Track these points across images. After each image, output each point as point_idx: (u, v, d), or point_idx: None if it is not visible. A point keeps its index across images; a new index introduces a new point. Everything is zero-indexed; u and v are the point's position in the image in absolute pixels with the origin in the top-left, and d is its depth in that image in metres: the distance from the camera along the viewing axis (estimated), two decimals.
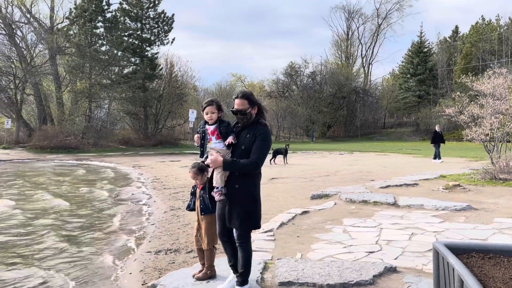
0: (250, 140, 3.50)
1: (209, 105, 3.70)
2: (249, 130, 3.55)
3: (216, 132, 3.63)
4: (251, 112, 3.57)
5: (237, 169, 3.45)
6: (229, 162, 3.46)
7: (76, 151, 29.25)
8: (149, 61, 37.85)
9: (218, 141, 3.61)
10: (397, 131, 51.32)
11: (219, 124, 3.67)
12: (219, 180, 3.56)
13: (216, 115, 3.69)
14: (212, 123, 3.67)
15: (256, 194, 3.57)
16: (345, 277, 3.90)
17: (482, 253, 2.79)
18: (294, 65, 53.28)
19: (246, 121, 3.57)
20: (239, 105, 3.56)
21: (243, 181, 3.49)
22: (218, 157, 3.48)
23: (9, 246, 6.34)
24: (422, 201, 7.96)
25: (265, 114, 3.71)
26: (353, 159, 21.00)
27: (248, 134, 3.53)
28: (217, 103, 3.74)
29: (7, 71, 33.07)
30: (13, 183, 13.94)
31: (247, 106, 3.55)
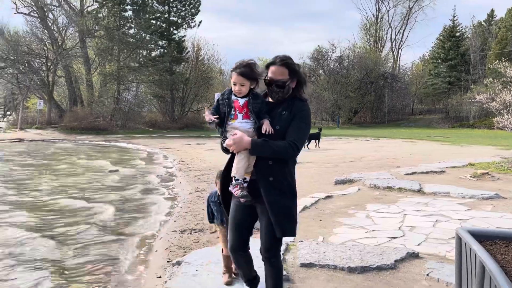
0: (287, 119, 2.71)
1: (238, 74, 2.75)
2: (286, 106, 2.76)
3: (245, 109, 2.76)
4: (289, 85, 2.79)
5: (270, 153, 2.65)
6: (259, 143, 2.64)
7: (104, 132, 29.97)
8: (176, 44, 38.09)
9: (245, 121, 2.74)
10: (426, 118, 50.09)
11: (251, 99, 2.77)
12: (241, 169, 2.70)
13: (246, 88, 2.77)
14: (242, 96, 2.78)
15: (296, 193, 2.80)
16: (367, 260, 3.93)
17: (507, 241, 2.76)
18: (321, 49, 52.51)
19: (282, 96, 2.78)
20: (277, 74, 2.75)
21: (280, 172, 2.68)
22: (244, 137, 2.65)
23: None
24: (449, 189, 7.84)
25: (305, 88, 2.89)
26: (379, 145, 20.73)
27: (285, 111, 2.74)
28: (250, 71, 2.76)
29: (39, 53, 33.97)
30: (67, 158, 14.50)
31: (287, 77, 2.76)
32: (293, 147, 2.65)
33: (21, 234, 5.84)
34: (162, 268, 4.41)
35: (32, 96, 36.71)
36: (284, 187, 2.69)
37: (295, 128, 2.70)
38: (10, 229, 6.09)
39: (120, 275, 4.47)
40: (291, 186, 2.75)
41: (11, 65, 32.72)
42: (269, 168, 2.68)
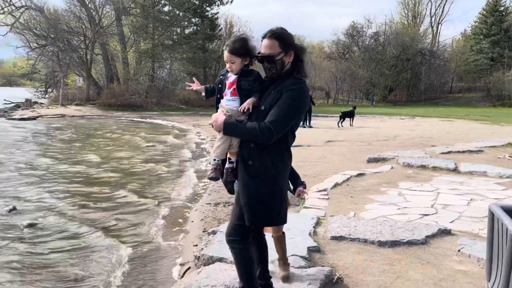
0: (274, 99, 2.44)
1: (227, 51, 2.59)
2: (277, 84, 2.49)
3: (234, 85, 2.58)
4: (282, 60, 2.48)
5: (241, 135, 2.46)
6: (229, 123, 2.46)
7: (140, 109, 30.69)
8: (209, 21, 38.11)
9: (233, 99, 2.58)
10: (465, 96, 48.22)
11: (240, 76, 2.58)
12: (218, 150, 2.59)
13: (237, 65, 2.58)
14: (235, 73, 2.61)
15: (277, 181, 2.48)
16: (397, 235, 3.99)
17: None
18: (356, 25, 51.15)
19: (275, 73, 2.49)
20: (268, 48, 2.48)
21: (260, 156, 2.44)
22: (220, 116, 2.53)
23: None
24: (486, 168, 7.67)
25: (306, 66, 2.60)
26: (414, 124, 20.28)
27: (273, 90, 2.47)
28: (239, 47, 2.55)
29: (78, 31, 34.84)
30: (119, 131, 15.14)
31: (278, 50, 2.46)
32: (265, 131, 2.35)
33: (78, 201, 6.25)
34: (198, 237, 4.64)
35: (71, 73, 37.87)
36: (261, 172, 2.44)
37: (276, 109, 2.40)
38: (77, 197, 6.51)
39: (159, 243, 4.74)
40: (269, 171, 2.44)
41: (51, 43, 33.79)
42: (250, 150, 2.47)
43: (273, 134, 2.36)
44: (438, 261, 3.53)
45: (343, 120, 18.24)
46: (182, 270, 3.85)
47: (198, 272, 3.31)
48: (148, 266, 4.10)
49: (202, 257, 3.58)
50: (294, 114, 2.43)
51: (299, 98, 2.43)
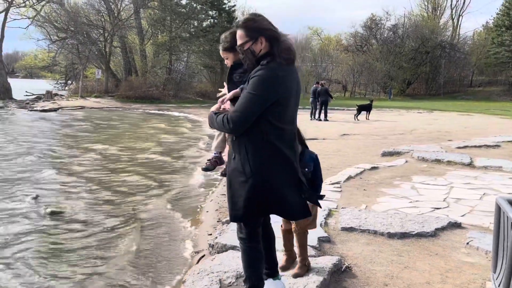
0: (245, 89, 2.38)
1: (221, 49, 2.70)
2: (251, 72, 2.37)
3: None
4: (251, 49, 2.36)
5: (216, 127, 2.48)
6: (209, 116, 2.51)
7: (158, 101, 31.06)
8: (227, 14, 38.17)
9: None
10: (486, 90, 47.19)
11: (231, 69, 2.65)
12: (215, 143, 2.77)
13: (231, 60, 2.67)
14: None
15: (255, 176, 2.33)
16: (407, 227, 4.07)
17: None
18: (374, 17, 50.45)
19: (249, 63, 2.38)
20: (238, 39, 2.41)
21: (239, 149, 2.38)
22: (211, 109, 2.56)
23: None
24: (501, 163, 7.63)
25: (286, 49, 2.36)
26: (432, 118, 20.07)
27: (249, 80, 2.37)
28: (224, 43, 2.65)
29: (97, 24, 35.34)
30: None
31: (245, 40, 2.37)
32: (226, 122, 2.31)
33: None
34: (213, 227, 4.79)
35: (90, 66, 38.49)
36: (239, 166, 2.37)
37: (239, 99, 2.33)
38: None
39: (176, 232, 4.92)
40: (246, 165, 2.34)
41: (71, 36, 34.36)
42: (233, 144, 2.44)
43: (233, 125, 2.28)
44: (446, 253, 3.60)
45: (359, 114, 18.18)
46: (197, 257, 4.00)
47: (212, 259, 3.46)
48: (164, 253, 4.28)
49: (216, 245, 3.73)
50: (253, 102, 2.25)
51: (259, 85, 2.25)
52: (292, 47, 2.40)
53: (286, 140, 2.39)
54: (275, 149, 2.34)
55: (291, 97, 2.37)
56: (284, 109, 2.35)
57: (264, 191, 2.35)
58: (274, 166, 2.35)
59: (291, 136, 2.42)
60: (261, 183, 2.34)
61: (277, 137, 2.34)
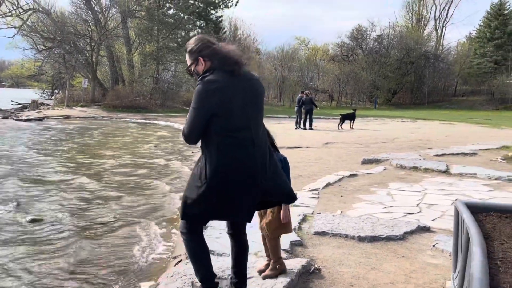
0: None
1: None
2: None
3: None
4: (196, 70, 2.57)
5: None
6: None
7: (144, 110, 31.05)
8: (214, 24, 38.51)
9: None
10: (469, 99, 48.18)
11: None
12: None
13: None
14: None
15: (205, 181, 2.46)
16: (377, 231, 4.21)
17: (501, 213, 2.97)
18: (360, 28, 51.34)
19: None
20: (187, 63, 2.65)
21: (200, 158, 2.59)
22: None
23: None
24: (476, 170, 7.86)
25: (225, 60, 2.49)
26: (414, 127, 20.45)
27: None
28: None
29: (84, 34, 35.32)
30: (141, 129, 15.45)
31: (189, 63, 2.61)
32: (182, 133, 2.54)
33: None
34: None
35: (77, 75, 38.36)
36: (197, 172, 2.53)
37: None
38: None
39: (150, 236, 4.99)
40: (201, 170, 2.49)
41: (58, 45, 34.28)
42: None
43: (184, 137, 2.51)
44: (413, 255, 3.75)
45: (342, 123, 18.45)
46: (174, 262, 4.09)
47: (186, 262, 3.55)
48: (141, 259, 4.35)
49: None
50: (193, 115, 2.44)
51: (195, 98, 2.44)
52: (234, 58, 2.49)
53: (240, 147, 2.48)
54: (229, 157, 2.45)
55: (236, 106, 2.45)
56: (229, 119, 2.44)
57: (215, 197, 2.46)
58: (227, 173, 2.45)
59: (246, 143, 2.49)
60: (213, 189, 2.45)
61: (230, 145, 2.46)
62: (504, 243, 2.42)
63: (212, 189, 2.45)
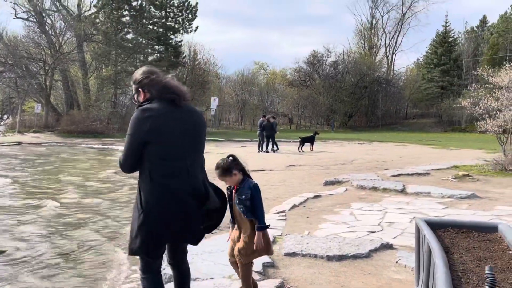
0: None
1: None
2: None
3: None
4: (137, 99, 2.70)
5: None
6: None
7: (101, 136, 30.29)
8: (173, 49, 38.60)
9: None
10: (419, 122, 50.79)
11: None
12: None
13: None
14: None
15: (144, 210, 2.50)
16: (344, 250, 4.40)
17: (457, 228, 3.23)
18: (316, 54, 53.18)
19: None
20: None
21: (137, 188, 2.61)
22: None
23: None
24: (430, 189, 8.32)
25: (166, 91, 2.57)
26: (371, 149, 21.24)
27: None
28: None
29: (37, 57, 34.35)
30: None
31: (133, 92, 2.73)
32: (119, 160, 2.60)
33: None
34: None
35: (29, 100, 37.05)
36: (136, 202, 2.58)
37: None
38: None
39: (116, 260, 4.91)
40: (138, 200, 2.55)
41: (9, 69, 33.09)
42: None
43: (119, 164, 2.58)
44: (378, 271, 3.95)
45: (302, 145, 18.88)
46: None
47: None
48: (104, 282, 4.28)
49: None
50: (128, 142, 2.49)
51: (130, 125, 2.50)
52: (174, 88, 2.59)
53: (175, 176, 2.52)
54: (161, 185, 2.49)
55: (173, 135, 2.51)
56: (163, 147, 2.50)
57: (152, 224, 2.49)
58: (161, 201, 2.49)
59: (181, 172, 2.54)
60: (150, 217, 2.49)
61: (164, 174, 2.50)
62: (463, 256, 2.64)
63: (149, 215, 2.49)
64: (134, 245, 2.53)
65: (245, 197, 3.01)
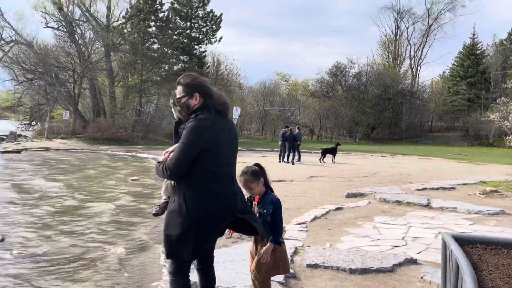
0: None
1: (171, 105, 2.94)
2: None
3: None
4: (187, 103, 2.72)
5: (158, 174, 2.74)
6: (155, 166, 2.79)
7: (126, 143, 30.84)
8: (197, 59, 39.23)
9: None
10: (445, 135, 49.78)
11: (176, 124, 2.95)
12: (162, 189, 2.98)
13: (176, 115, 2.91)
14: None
15: (189, 217, 2.59)
16: (367, 263, 4.33)
17: (486, 245, 3.15)
18: (339, 65, 53.04)
19: (183, 116, 2.75)
20: (177, 94, 2.80)
21: (178, 194, 2.66)
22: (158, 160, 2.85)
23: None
24: (456, 204, 8.13)
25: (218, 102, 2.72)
26: (394, 162, 20.92)
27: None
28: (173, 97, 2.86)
29: (67, 66, 35.39)
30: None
31: (182, 94, 2.75)
32: (165, 168, 2.61)
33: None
34: None
35: (58, 107, 38.10)
36: (176, 207, 2.64)
37: (175, 149, 2.67)
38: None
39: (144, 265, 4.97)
40: (182, 207, 2.60)
41: (39, 77, 34.18)
42: (174, 188, 2.73)
43: (169, 172, 2.60)
44: (402, 286, 3.87)
45: (324, 157, 18.75)
46: None
47: None
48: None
49: None
50: (184, 150, 2.57)
51: (189, 134, 2.57)
52: (226, 102, 2.78)
53: (222, 182, 2.68)
54: (211, 191, 2.62)
55: (222, 144, 2.67)
56: (215, 155, 2.64)
57: (200, 229, 2.61)
58: (210, 206, 2.61)
59: (227, 178, 2.71)
60: (198, 222, 2.59)
61: (212, 180, 2.63)
62: (492, 273, 2.57)
63: (194, 222, 2.58)
64: (174, 249, 2.64)
65: (267, 211, 2.99)
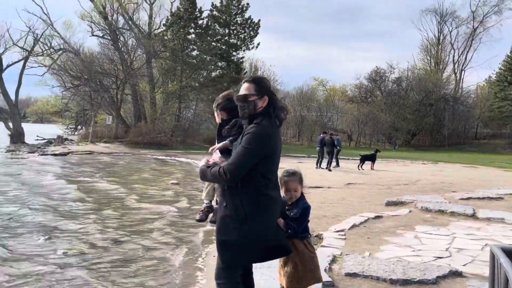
0: (239, 143, 2.65)
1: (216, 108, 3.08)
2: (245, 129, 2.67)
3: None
4: (255, 102, 2.67)
5: (209, 178, 2.71)
6: (201, 170, 2.73)
7: (165, 147, 31.56)
8: (235, 65, 39.66)
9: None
10: (491, 142, 47.59)
11: (220, 126, 3.01)
12: (204, 193, 2.98)
13: (219, 118, 3.07)
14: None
15: (247, 222, 2.56)
16: (409, 274, 4.20)
17: None
18: (379, 70, 52.03)
19: (246, 112, 2.68)
20: (244, 90, 2.71)
21: (231, 197, 2.60)
22: (201, 163, 2.82)
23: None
24: (504, 215, 7.74)
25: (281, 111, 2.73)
26: (436, 169, 20.22)
27: (242, 135, 2.67)
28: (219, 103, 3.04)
29: (110, 73, 36.76)
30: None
31: (252, 93, 2.68)
32: (222, 173, 2.54)
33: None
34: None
35: (101, 112, 39.57)
36: (231, 213, 2.60)
37: (234, 153, 2.61)
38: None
39: (181, 275, 5.05)
40: (239, 212, 2.57)
41: (85, 83, 35.69)
42: (224, 193, 2.67)
43: (230, 176, 2.53)
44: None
45: (363, 163, 18.40)
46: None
47: None
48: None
49: None
50: (247, 155, 2.53)
51: (252, 140, 2.54)
52: (287, 110, 2.82)
53: (275, 188, 2.75)
54: (268, 196, 2.64)
55: (277, 152, 2.72)
56: (272, 162, 2.68)
57: (259, 236, 2.62)
58: (267, 211, 2.64)
59: (277, 184, 2.78)
60: (256, 227, 2.59)
61: (267, 186, 2.66)
62: None
63: (252, 226, 2.58)
64: (230, 255, 2.65)
65: (294, 214, 3.02)
